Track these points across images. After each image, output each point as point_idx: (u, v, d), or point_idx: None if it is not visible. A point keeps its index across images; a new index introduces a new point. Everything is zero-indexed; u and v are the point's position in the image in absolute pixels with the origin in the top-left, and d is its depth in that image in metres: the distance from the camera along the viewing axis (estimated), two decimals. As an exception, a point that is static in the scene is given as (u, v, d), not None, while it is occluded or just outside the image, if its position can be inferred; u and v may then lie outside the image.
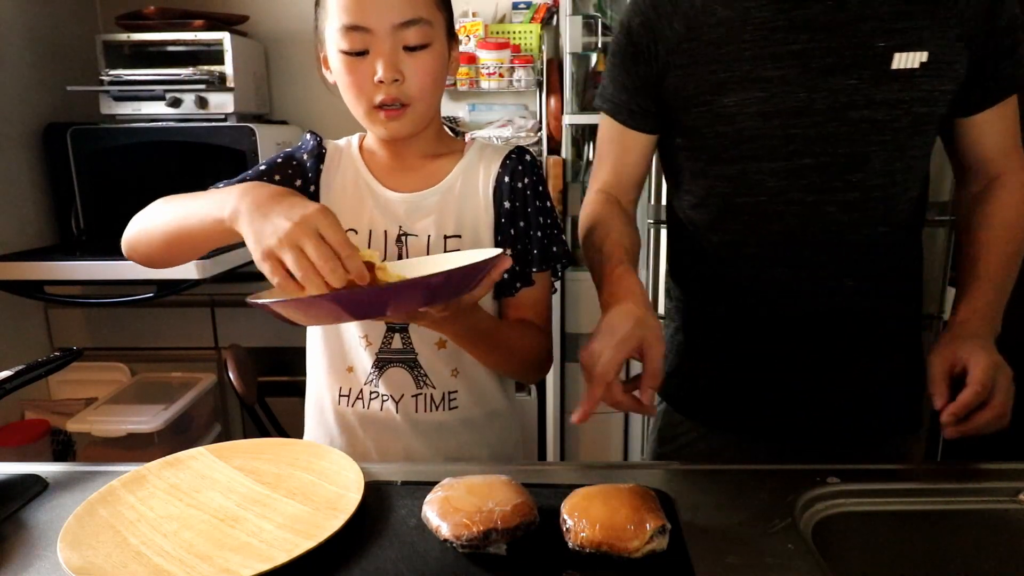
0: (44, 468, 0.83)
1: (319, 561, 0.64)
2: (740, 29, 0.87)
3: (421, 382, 0.93)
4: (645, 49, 0.93)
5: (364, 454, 0.94)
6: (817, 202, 0.89)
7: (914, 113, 0.86)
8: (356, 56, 0.83)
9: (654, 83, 0.94)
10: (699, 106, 0.90)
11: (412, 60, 0.83)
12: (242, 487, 0.76)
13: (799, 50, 0.85)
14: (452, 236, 0.91)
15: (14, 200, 2.09)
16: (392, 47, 0.82)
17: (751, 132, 0.88)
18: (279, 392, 2.10)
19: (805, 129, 0.87)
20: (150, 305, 2.02)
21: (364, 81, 0.83)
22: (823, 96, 0.85)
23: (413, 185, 0.93)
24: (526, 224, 0.91)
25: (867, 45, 0.84)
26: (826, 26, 0.85)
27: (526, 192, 0.91)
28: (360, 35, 0.81)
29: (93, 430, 1.94)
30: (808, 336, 0.94)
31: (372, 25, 0.81)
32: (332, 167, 0.95)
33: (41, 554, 0.67)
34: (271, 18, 2.50)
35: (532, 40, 2.39)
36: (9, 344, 2.07)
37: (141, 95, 2.13)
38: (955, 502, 0.77)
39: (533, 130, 2.37)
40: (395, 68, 0.82)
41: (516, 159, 0.93)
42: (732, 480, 0.79)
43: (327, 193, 0.94)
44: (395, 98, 0.83)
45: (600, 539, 0.64)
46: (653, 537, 0.63)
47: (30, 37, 2.15)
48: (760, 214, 0.91)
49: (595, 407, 0.74)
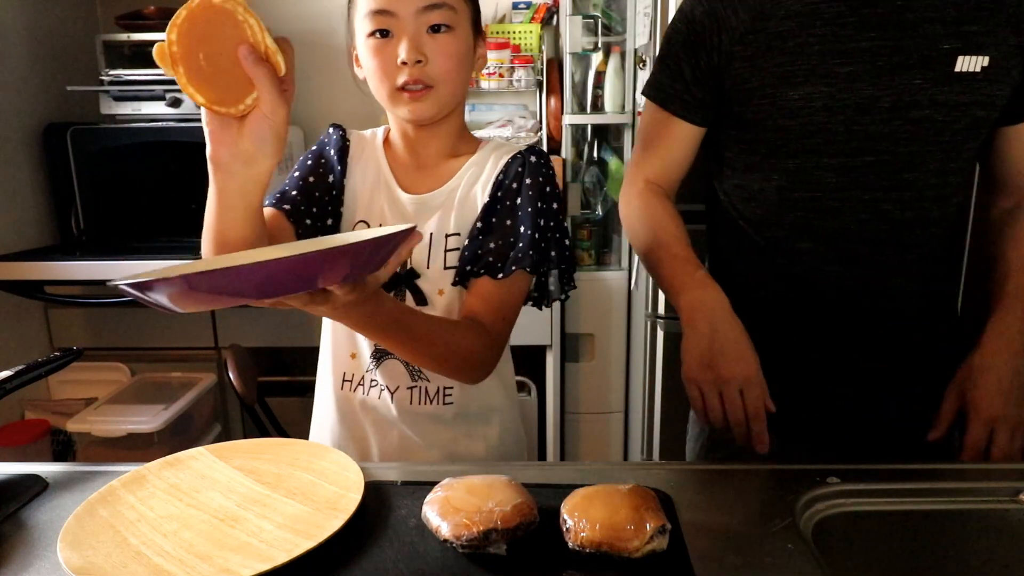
0: (44, 468, 0.83)
1: (319, 561, 0.64)
2: (809, 23, 0.87)
3: (416, 375, 0.93)
4: (708, 38, 0.92)
5: (362, 439, 0.95)
6: (874, 199, 0.89)
7: (972, 116, 0.87)
8: (381, 39, 0.85)
9: (715, 73, 0.93)
10: (762, 98, 0.90)
11: (435, 42, 0.85)
12: (242, 487, 0.76)
13: (867, 47, 0.86)
14: (452, 234, 0.91)
15: (14, 200, 2.09)
16: (416, 30, 0.84)
17: (815, 127, 0.88)
18: (279, 392, 2.10)
19: (867, 126, 0.87)
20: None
21: (388, 63, 0.85)
22: (888, 94, 0.86)
23: (426, 186, 0.94)
24: (514, 222, 0.88)
25: (932, 46, 0.85)
26: (894, 25, 0.85)
27: (525, 191, 0.89)
28: (385, 18, 0.84)
29: (93, 430, 1.94)
30: (854, 334, 0.94)
31: (397, 9, 0.83)
32: (356, 158, 0.96)
33: (41, 554, 0.67)
34: (271, 18, 2.48)
35: (532, 40, 2.39)
36: (9, 344, 2.07)
37: (141, 95, 2.13)
38: (955, 502, 0.77)
39: (533, 130, 2.37)
40: (418, 49, 0.84)
41: (521, 158, 0.91)
42: (732, 480, 0.79)
43: (350, 180, 0.95)
44: (417, 79, 0.85)
45: (600, 539, 0.63)
46: (653, 537, 0.63)
47: (30, 37, 2.15)
48: (817, 209, 0.91)
49: None
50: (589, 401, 2.42)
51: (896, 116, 0.87)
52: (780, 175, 0.93)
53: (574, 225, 2.37)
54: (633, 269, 2.22)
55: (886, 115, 0.87)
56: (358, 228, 0.93)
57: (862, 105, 0.87)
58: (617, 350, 2.38)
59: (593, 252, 2.41)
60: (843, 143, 0.88)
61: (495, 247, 0.87)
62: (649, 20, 1.91)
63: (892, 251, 0.91)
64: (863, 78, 0.86)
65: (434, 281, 0.91)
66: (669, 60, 0.97)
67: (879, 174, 0.89)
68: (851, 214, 0.90)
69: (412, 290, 0.92)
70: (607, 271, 2.36)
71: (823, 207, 0.91)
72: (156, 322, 2.22)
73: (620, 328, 2.37)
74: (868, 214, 0.90)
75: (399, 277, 0.92)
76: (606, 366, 2.39)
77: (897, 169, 0.88)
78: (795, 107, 0.88)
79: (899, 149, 0.88)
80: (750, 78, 0.90)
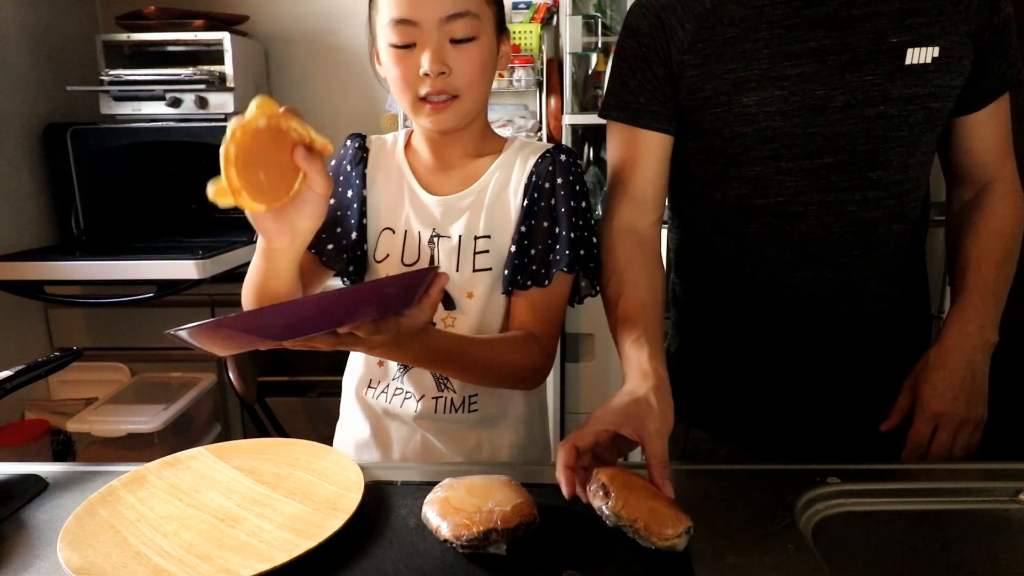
0: (44, 468, 0.83)
1: (319, 561, 0.64)
2: (755, 27, 0.87)
3: (442, 385, 0.93)
4: (658, 50, 0.91)
5: (385, 443, 0.96)
6: (838, 201, 0.88)
7: (928, 108, 0.86)
8: (404, 49, 0.83)
9: (671, 83, 0.92)
10: (717, 107, 0.89)
11: (459, 52, 0.83)
12: (242, 487, 0.76)
13: (815, 47, 0.85)
14: (482, 236, 0.90)
15: (14, 200, 2.09)
16: (439, 40, 0.82)
17: (772, 132, 0.88)
18: (279, 392, 2.11)
19: (824, 127, 0.86)
20: (150, 305, 2.02)
21: (410, 73, 0.84)
22: (840, 93, 0.85)
23: (451, 188, 0.93)
24: (551, 223, 0.89)
25: (881, 40, 0.84)
26: (841, 22, 0.85)
27: (558, 192, 0.89)
28: (408, 28, 0.82)
29: (93, 430, 1.94)
30: (827, 338, 0.94)
31: (419, 19, 0.81)
32: (376, 165, 0.96)
33: (41, 554, 0.67)
34: (271, 18, 2.50)
35: (532, 40, 2.39)
36: (9, 344, 2.07)
37: (141, 95, 2.13)
38: (955, 502, 0.77)
39: (533, 130, 2.37)
40: (441, 61, 0.82)
41: (551, 157, 0.90)
42: (732, 480, 0.79)
43: (372, 190, 0.95)
44: (441, 90, 0.84)
45: (637, 516, 0.64)
46: (682, 534, 0.64)
47: (30, 37, 2.15)
48: (779, 215, 0.90)
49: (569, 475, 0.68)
50: (589, 401, 2.42)
51: (851, 114, 0.85)
52: (741, 183, 0.91)
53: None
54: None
55: (841, 114, 0.86)
56: (383, 236, 0.93)
57: (816, 106, 0.86)
58: (617, 350, 2.38)
59: (593, 252, 2.41)
60: (801, 146, 0.87)
61: (536, 254, 0.89)
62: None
63: (859, 252, 0.90)
64: (815, 78, 0.85)
65: (463, 285, 0.91)
66: (625, 76, 0.94)
67: (840, 175, 0.88)
68: (815, 218, 0.89)
69: None
70: (607, 271, 2.36)
71: (785, 212, 0.90)
72: (156, 322, 2.22)
73: (620, 328, 2.37)
74: (832, 216, 0.89)
75: None
76: (606, 366, 2.39)
77: (859, 168, 0.87)
78: (750, 113, 0.87)
79: (858, 148, 0.87)
80: (704, 86, 0.89)
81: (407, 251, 0.92)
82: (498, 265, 0.91)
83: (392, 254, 0.93)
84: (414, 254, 0.92)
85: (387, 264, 0.93)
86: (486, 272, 0.91)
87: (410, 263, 0.92)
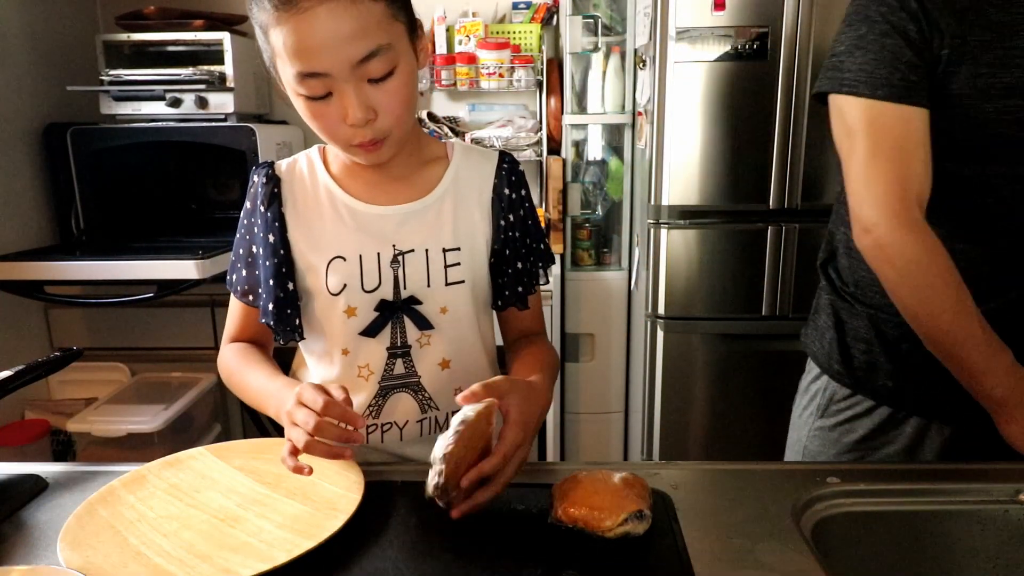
0: (44, 468, 0.83)
1: (319, 561, 0.64)
2: (1012, 35, 0.85)
3: (426, 406, 0.92)
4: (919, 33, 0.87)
5: None
6: None
7: None
8: (320, 100, 0.76)
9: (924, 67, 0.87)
10: (954, 108, 0.87)
11: (380, 93, 0.77)
12: (242, 487, 0.76)
13: None
14: (451, 249, 0.89)
15: (14, 200, 2.09)
16: (356, 86, 0.75)
17: (1002, 139, 0.87)
18: (279, 392, 2.10)
19: None
20: (150, 305, 2.01)
21: (334, 125, 0.78)
22: None
23: (403, 196, 0.89)
24: (523, 234, 0.93)
25: None
26: None
27: (523, 204, 0.94)
28: (320, 80, 0.74)
29: (93, 430, 1.94)
30: None
31: (329, 69, 0.74)
32: (294, 199, 0.89)
33: (41, 554, 0.67)
34: (271, 18, 2.49)
35: (532, 40, 2.39)
36: (9, 344, 2.07)
37: (141, 95, 2.12)
38: (955, 502, 0.77)
39: (533, 130, 2.37)
40: (365, 107, 0.76)
41: (510, 168, 0.94)
42: (732, 480, 0.79)
43: (296, 228, 0.88)
44: (372, 138, 0.79)
45: (577, 516, 0.67)
46: (628, 520, 0.65)
47: (30, 37, 2.15)
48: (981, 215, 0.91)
49: None
50: (589, 401, 2.42)
51: None
52: (952, 180, 0.90)
53: (574, 225, 2.37)
54: (633, 269, 2.22)
55: None
56: (334, 266, 0.86)
57: None
58: (617, 350, 2.38)
59: (593, 252, 2.41)
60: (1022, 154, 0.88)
61: (522, 267, 0.94)
62: (649, 20, 1.91)
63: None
64: None
65: (436, 300, 0.89)
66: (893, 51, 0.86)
67: None
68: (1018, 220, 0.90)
69: (411, 316, 0.89)
70: (607, 271, 2.37)
71: (989, 213, 0.91)
72: (156, 322, 2.22)
73: (620, 328, 2.37)
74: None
75: (394, 305, 0.88)
76: (606, 366, 2.39)
77: None
78: (988, 120, 0.87)
79: None
80: (947, 86, 0.87)
81: (366, 276, 0.87)
82: (472, 277, 0.90)
83: (350, 283, 0.87)
84: (374, 278, 0.87)
85: (346, 294, 0.87)
86: (459, 285, 0.89)
87: (371, 289, 0.87)
